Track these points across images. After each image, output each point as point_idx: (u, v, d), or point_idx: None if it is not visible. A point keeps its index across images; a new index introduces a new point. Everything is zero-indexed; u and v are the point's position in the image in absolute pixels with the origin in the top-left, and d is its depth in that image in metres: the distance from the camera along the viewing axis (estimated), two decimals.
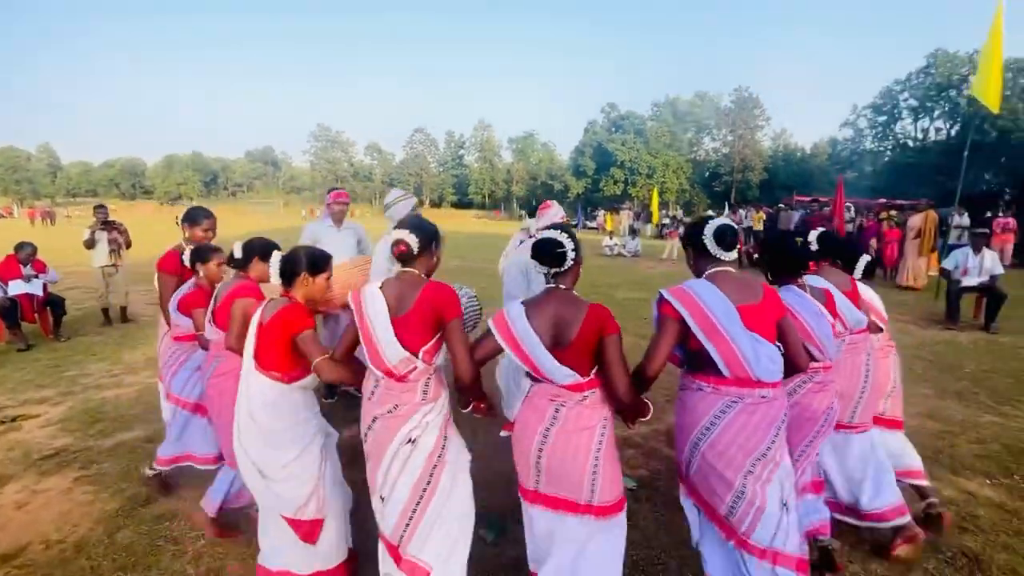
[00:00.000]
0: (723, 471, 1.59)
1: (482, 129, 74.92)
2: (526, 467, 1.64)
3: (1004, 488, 2.68)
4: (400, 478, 1.63)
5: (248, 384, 1.77)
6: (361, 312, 1.65)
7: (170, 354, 2.60)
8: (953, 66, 36.30)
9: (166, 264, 2.70)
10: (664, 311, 1.64)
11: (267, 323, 1.75)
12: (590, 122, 43.97)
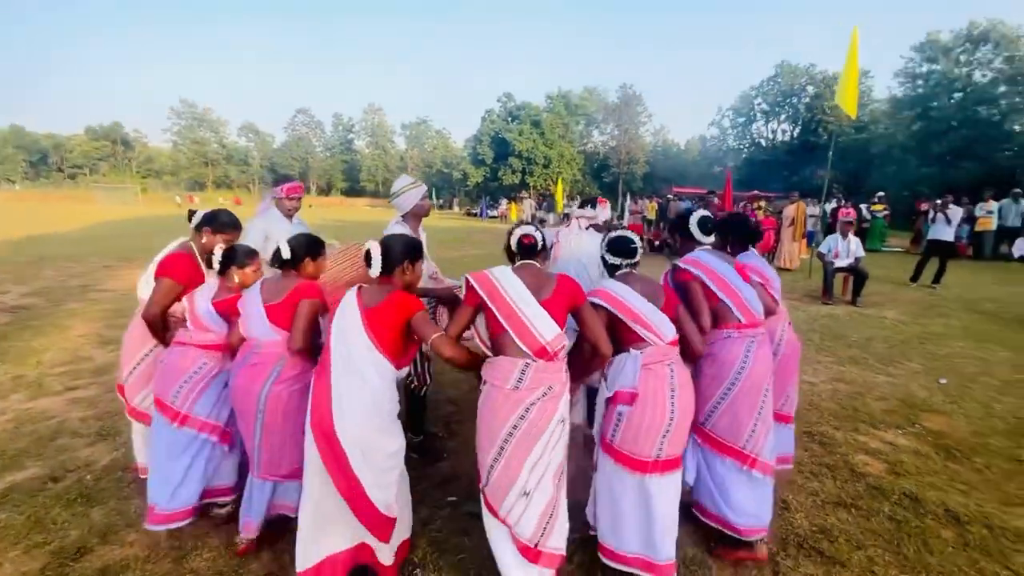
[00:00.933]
0: (753, 399, 1.97)
1: (372, 113, 71.51)
2: (652, 439, 1.74)
3: (913, 436, 3.21)
4: (549, 466, 1.64)
5: (364, 369, 1.71)
6: (497, 294, 1.69)
7: (196, 369, 2.14)
8: (795, 76, 41.88)
9: (175, 269, 2.23)
10: (685, 278, 2.08)
11: (377, 307, 1.75)
12: (487, 111, 43.86)
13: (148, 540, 2.17)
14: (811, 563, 2.07)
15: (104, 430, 3.19)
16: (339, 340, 1.73)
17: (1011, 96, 26.98)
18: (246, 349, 2.02)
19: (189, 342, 2.15)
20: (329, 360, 1.72)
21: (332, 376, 1.69)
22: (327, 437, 1.66)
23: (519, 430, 1.62)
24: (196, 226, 2.35)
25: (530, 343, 1.64)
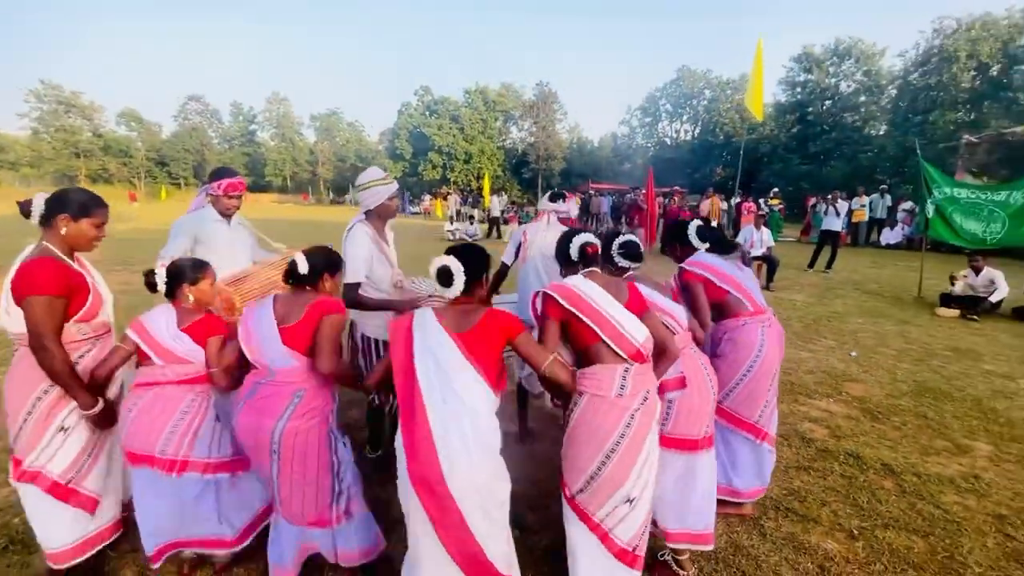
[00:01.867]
0: (766, 381, 2.22)
1: (277, 103, 66.75)
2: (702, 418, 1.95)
3: (842, 402, 3.66)
4: (652, 471, 1.66)
5: (474, 405, 1.48)
6: (586, 303, 1.65)
7: (184, 408, 1.79)
8: (694, 80, 45.09)
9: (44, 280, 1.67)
10: (691, 279, 2.24)
11: (473, 331, 1.55)
12: (404, 104, 42.80)
13: None
14: (789, 522, 2.31)
15: None
16: (430, 374, 1.49)
17: (869, 104, 31.09)
18: (253, 379, 1.75)
19: (164, 380, 1.79)
20: (416, 401, 1.47)
21: (430, 418, 1.44)
22: (434, 493, 1.41)
23: (626, 438, 1.59)
24: (44, 218, 1.74)
25: (626, 347, 1.62)
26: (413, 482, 1.43)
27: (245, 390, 1.74)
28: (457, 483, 1.40)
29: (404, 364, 1.53)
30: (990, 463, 2.85)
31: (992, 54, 21.13)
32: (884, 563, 2.06)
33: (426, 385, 1.48)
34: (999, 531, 2.26)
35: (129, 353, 1.82)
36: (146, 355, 1.80)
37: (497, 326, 1.56)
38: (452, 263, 1.56)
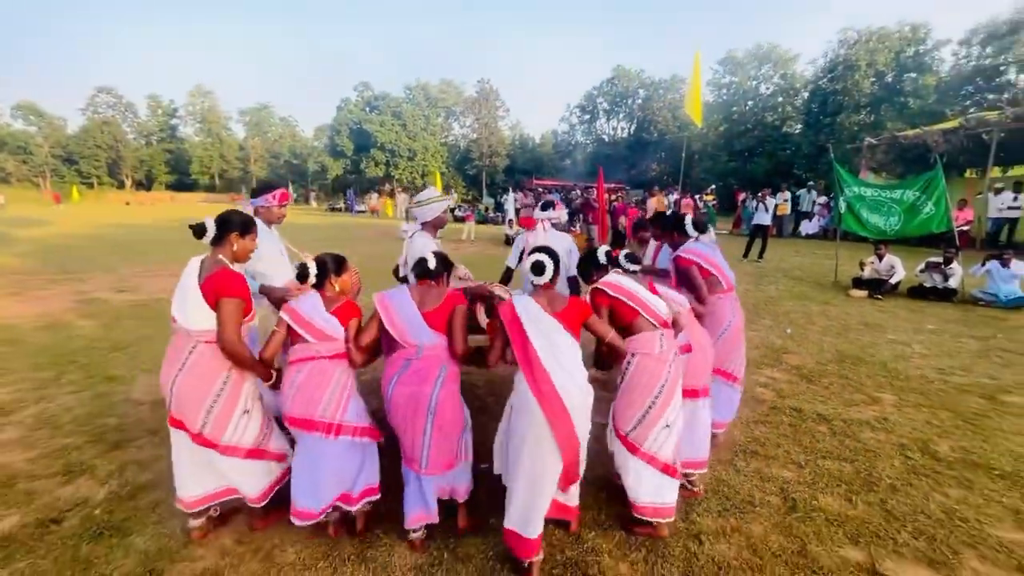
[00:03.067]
0: (738, 339, 2.94)
1: (201, 96, 62.63)
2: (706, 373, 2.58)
3: (783, 370, 4.44)
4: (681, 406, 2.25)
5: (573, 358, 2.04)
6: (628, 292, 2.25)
7: (337, 379, 2.16)
8: (629, 80, 46.78)
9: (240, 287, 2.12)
10: (686, 264, 2.87)
11: (565, 311, 2.07)
12: (343, 100, 41.67)
13: (222, 550, 2.25)
14: (755, 460, 2.96)
15: (69, 468, 2.93)
16: (540, 336, 2.02)
17: (785, 105, 33.87)
18: (402, 357, 2.15)
19: (318, 355, 2.16)
20: (533, 360, 1.98)
21: (548, 369, 1.97)
22: (556, 413, 1.95)
23: (668, 383, 2.19)
24: (217, 236, 2.17)
25: (658, 319, 2.25)
26: (546, 412, 1.95)
27: (396, 367, 2.15)
28: (569, 403, 1.97)
29: (520, 338, 2.03)
30: (894, 408, 3.67)
31: (887, 63, 23.84)
32: (824, 482, 2.74)
33: (541, 349, 2.00)
34: (902, 455, 3.02)
35: (284, 335, 2.20)
36: (299, 335, 2.16)
37: (579, 309, 2.13)
38: (544, 258, 2.11)
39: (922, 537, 2.31)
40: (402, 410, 2.14)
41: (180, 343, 2.11)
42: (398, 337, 2.17)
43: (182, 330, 2.09)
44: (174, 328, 2.14)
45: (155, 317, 6.22)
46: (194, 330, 2.08)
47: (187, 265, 2.17)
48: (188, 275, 2.12)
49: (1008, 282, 6.48)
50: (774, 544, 2.26)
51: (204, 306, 2.05)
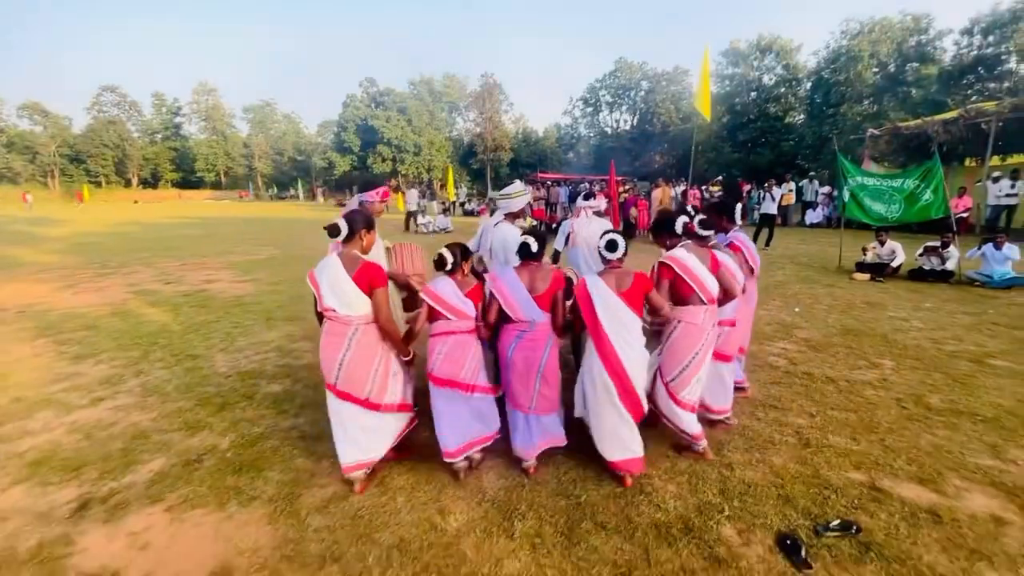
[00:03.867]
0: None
1: (205, 93, 63.03)
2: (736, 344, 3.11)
3: (793, 343, 4.92)
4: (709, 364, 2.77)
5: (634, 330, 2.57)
6: (687, 268, 2.70)
7: (474, 351, 2.72)
8: (631, 72, 46.81)
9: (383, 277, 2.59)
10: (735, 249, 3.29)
11: (630, 290, 2.54)
12: (349, 96, 42.00)
13: (344, 479, 2.76)
14: (773, 412, 3.45)
15: (188, 424, 3.45)
16: (609, 316, 2.53)
17: (788, 96, 34.08)
18: (515, 330, 2.66)
19: (458, 331, 2.66)
20: (602, 333, 2.52)
21: (613, 343, 2.51)
22: (620, 378, 2.53)
23: (703, 350, 2.73)
24: (350, 234, 2.59)
25: (708, 296, 2.72)
26: (609, 373, 2.52)
27: (512, 336, 2.67)
28: (629, 368, 2.52)
29: (591, 315, 2.55)
30: (892, 371, 4.16)
31: (889, 53, 24.09)
32: (832, 427, 3.24)
33: (605, 323, 2.51)
34: (899, 406, 3.52)
35: (428, 314, 2.68)
36: (440, 314, 2.65)
37: (642, 286, 2.59)
38: (617, 237, 2.58)
39: (914, 464, 2.81)
40: (519, 368, 2.67)
41: (339, 329, 2.53)
42: (513, 316, 2.66)
43: (343, 318, 2.50)
44: (332, 317, 2.54)
45: (209, 304, 6.75)
46: (355, 316, 2.51)
47: (323, 264, 2.57)
48: (331, 270, 2.51)
49: (1001, 263, 6.94)
50: (792, 470, 2.77)
51: (361, 295, 2.50)
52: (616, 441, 2.60)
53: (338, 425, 2.63)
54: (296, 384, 4.10)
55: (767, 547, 2.21)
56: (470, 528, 2.36)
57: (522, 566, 2.13)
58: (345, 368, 2.52)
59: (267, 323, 5.86)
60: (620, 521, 2.39)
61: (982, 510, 2.43)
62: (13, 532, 2.40)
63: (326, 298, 2.52)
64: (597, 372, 2.56)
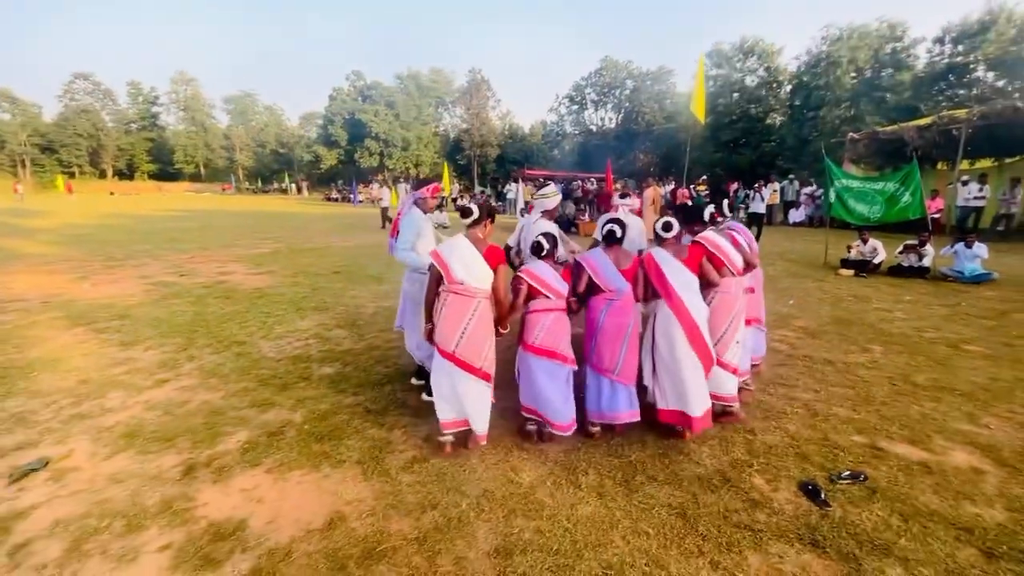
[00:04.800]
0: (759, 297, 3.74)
1: (184, 83, 61.70)
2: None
3: (792, 330, 5.42)
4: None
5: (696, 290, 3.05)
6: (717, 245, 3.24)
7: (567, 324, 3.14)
8: (616, 71, 47.34)
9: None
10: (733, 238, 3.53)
11: (686, 259, 3.03)
12: (336, 89, 41.65)
13: (419, 445, 3.13)
14: (783, 388, 3.92)
15: (257, 402, 3.76)
16: (676, 278, 3.01)
17: (769, 98, 35.10)
18: (605, 298, 3.07)
19: (555, 308, 3.05)
20: (672, 292, 3.00)
21: (684, 301, 2.99)
22: (693, 329, 2.99)
23: (736, 315, 3.22)
24: (477, 220, 2.98)
25: (736, 268, 3.25)
26: (682, 324, 2.97)
27: (601, 305, 3.07)
28: (698, 319, 3.00)
29: (661, 279, 3.01)
30: (882, 355, 4.69)
31: (867, 59, 25.10)
32: (835, 400, 3.72)
33: (677, 285, 2.97)
34: (890, 384, 4.03)
35: (527, 292, 3.06)
36: (539, 292, 3.03)
37: (697, 256, 3.09)
38: (672, 219, 3.06)
39: (905, 429, 3.30)
40: (609, 333, 3.07)
41: (465, 302, 2.89)
42: (603, 285, 3.08)
43: (469, 291, 2.88)
44: (459, 291, 2.89)
45: (233, 296, 6.99)
46: (480, 289, 2.90)
47: (451, 244, 2.95)
48: (462, 248, 2.90)
49: (971, 260, 7.60)
50: (805, 435, 3.23)
51: (489, 270, 2.91)
52: (696, 392, 3.02)
53: (447, 388, 2.96)
54: (346, 367, 4.42)
55: (792, 492, 2.66)
56: (541, 482, 2.76)
57: (593, 510, 2.53)
58: (467, 338, 2.88)
59: (297, 312, 6.14)
60: (668, 475, 2.81)
61: (964, 463, 2.92)
62: (136, 491, 2.71)
63: (457, 272, 2.88)
64: (674, 329, 3.00)
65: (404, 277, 3.77)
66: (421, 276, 3.52)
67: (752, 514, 2.49)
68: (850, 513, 2.49)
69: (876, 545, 2.27)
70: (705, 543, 2.29)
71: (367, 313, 6.16)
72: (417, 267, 3.54)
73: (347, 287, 7.59)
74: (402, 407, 3.67)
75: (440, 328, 2.92)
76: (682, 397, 3.04)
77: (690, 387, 3.02)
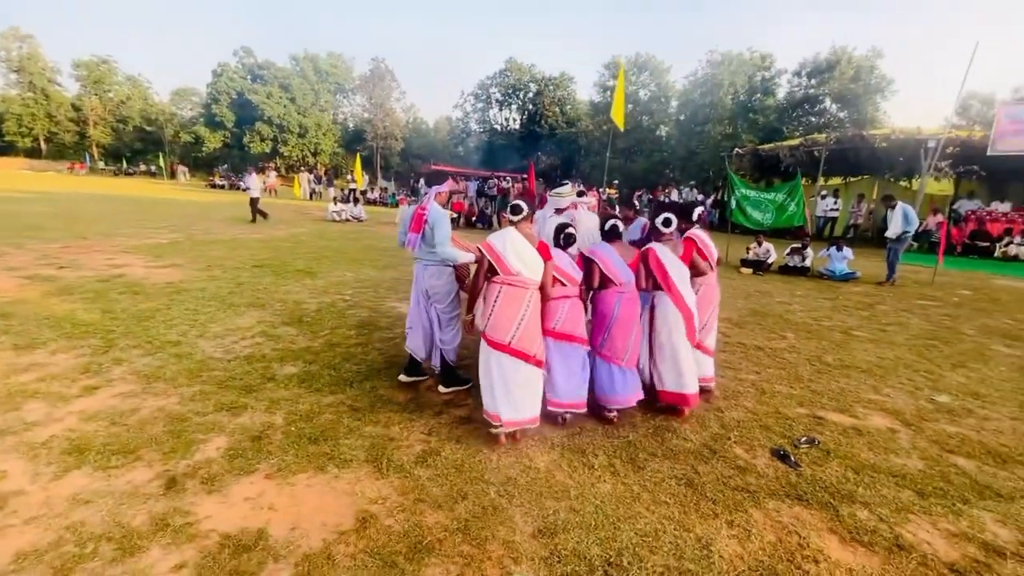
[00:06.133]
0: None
1: (17, 39, 51.60)
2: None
3: (720, 321, 6.10)
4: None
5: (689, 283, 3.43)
6: (702, 240, 3.59)
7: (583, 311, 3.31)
8: (520, 73, 48.48)
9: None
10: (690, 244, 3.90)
11: (682, 255, 3.26)
12: (221, 65, 37.44)
13: (426, 432, 3.09)
14: (731, 371, 4.45)
15: (224, 407, 3.44)
16: (676, 272, 3.35)
17: (659, 112, 38.39)
18: (616, 291, 3.26)
19: (572, 295, 3.20)
20: (672, 284, 3.34)
21: (681, 291, 3.36)
22: (687, 313, 3.38)
23: (716, 303, 3.67)
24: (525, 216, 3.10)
25: (714, 263, 3.61)
26: (681, 313, 3.29)
27: (614, 297, 3.22)
28: (692, 307, 3.40)
29: (662, 272, 3.28)
30: (796, 341, 5.48)
31: (743, 84, 28.51)
32: (775, 380, 4.31)
33: (676, 279, 3.28)
34: (809, 364, 4.75)
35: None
36: (558, 280, 3.14)
37: (689, 250, 3.41)
38: (671, 215, 3.34)
39: (833, 401, 3.95)
40: (623, 322, 3.26)
41: (519, 293, 2.96)
42: (614, 279, 3.24)
43: (524, 282, 2.96)
44: (514, 282, 2.96)
45: (142, 292, 6.18)
46: (534, 281, 2.99)
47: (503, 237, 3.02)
48: (517, 242, 2.98)
49: (841, 262, 9.10)
50: (760, 410, 3.73)
51: (542, 262, 2.99)
52: (690, 373, 3.40)
53: (500, 384, 2.99)
54: (311, 366, 4.17)
55: (768, 459, 3.08)
56: (556, 466, 2.89)
57: (611, 487, 2.72)
58: (524, 328, 2.94)
59: (230, 309, 5.61)
60: (664, 451, 3.10)
61: (881, 425, 3.58)
62: (113, 510, 2.37)
63: (512, 264, 2.94)
64: (674, 318, 3.35)
65: (422, 273, 3.63)
66: (448, 269, 3.54)
67: (744, 478, 2.85)
68: (816, 472, 2.95)
69: (843, 495, 2.73)
70: (716, 506, 2.59)
71: (311, 310, 5.80)
72: (454, 260, 3.46)
73: (277, 282, 7.05)
74: (389, 404, 3.57)
75: (495, 320, 2.97)
76: (680, 378, 3.39)
77: (686, 369, 3.37)
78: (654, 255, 3.37)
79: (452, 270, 3.59)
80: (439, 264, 3.54)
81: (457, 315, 3.67)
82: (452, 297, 3.63)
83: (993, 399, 4.12)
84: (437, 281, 3.57)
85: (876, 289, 8.54)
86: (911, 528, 2.50)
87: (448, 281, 3.58)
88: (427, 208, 3.55)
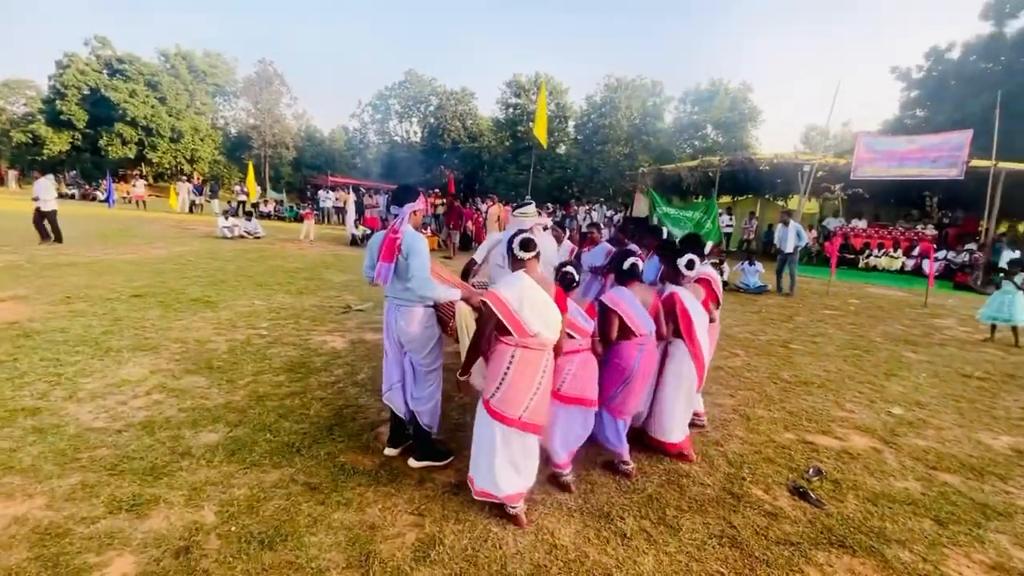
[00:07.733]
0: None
1: None
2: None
3: None
4: None
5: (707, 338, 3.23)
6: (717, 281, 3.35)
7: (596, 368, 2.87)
8: (421, 86, 47.78)
9: None
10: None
11: (704, 299, 3.07)
12: (69, 56, 31.76)
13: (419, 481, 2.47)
14: (707, 396, 4.31)
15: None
16: (699, 320, 3.11)
17: (559, 131, 39.82)
18: (637, 343, 2.85)
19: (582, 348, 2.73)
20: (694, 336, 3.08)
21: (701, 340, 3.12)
22: (699, 357, 3.10)
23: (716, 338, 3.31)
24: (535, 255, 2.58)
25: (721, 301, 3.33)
26: (696, 365, 3.07)
27: (635, 349, 2.79)
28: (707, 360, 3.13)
29: (687, 319, 2.97)
30: (748, 358, 5.58)
31: (639, 108, 30.57)
32: (748, 401, 4.25)
33: (699, 329, 3.05)
34: (772, 382, 4.80)
35: None
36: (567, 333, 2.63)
37: (709, 295, 3.17)
38: (695, 258, 3.07)
39: (811, 422, 3.95)
40: (641, 378, 2.87)
41: (536, 357, 2.40)
42: (636, 330, 2.81)
43: (542, 344, 2.40)
44: (530, 344, 2.38)
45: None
46: (552, 341, 2.44)
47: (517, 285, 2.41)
48: (532, 294, 2.37)
49: (753, 275, 9.77)
50: (754, 440, 3.59)
51: (560, 317, 2.45)
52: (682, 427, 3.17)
53: (506, 464, 2.46)
54: (238, 429, 3.30)
55: (788, 499, 2.90)
56: (584, 540, 2.43)
57: (653, 559, 2.33)
58: (537, 399, 2.41)
59: (108, 356, 4.40)
60: (688, 503, 2.78)
61: (863, 446, 3.62)
62: None
63: (531, 325, 2.34)
64: (687, 370, 3.04)
65: (393, 315, 2.87)
66: (427, 311, 2.83)
67: (780, 527, 2.61)
68: (840, 508, 2.82)
69: (876, 533, 2.61)
70: (771, 568, 2.31)
71: (221, 352, 4.76)
72: (435, 299, 2.77)
73: (168, 316, 5.78)
74: (355, 474, 2.87)
75: (507, 392, 2.39)
76: (663, 427, 3.17)
77: (678, 421, 3.16)
78: (680, 302, 3.06)
79: (432, 311, 2.85)
80: (415, 304, 2.80)
81: (438, 368, 2.96)
82: (432, 345, 2.87)
83: (934, 407, 4.42)
84: (412, 327, 2.80)
85: (786, 300, 9.26)
86: (952, 565, 2.42)
87: (427, 325, 2.83)
88: (399, 232, 2.87)
